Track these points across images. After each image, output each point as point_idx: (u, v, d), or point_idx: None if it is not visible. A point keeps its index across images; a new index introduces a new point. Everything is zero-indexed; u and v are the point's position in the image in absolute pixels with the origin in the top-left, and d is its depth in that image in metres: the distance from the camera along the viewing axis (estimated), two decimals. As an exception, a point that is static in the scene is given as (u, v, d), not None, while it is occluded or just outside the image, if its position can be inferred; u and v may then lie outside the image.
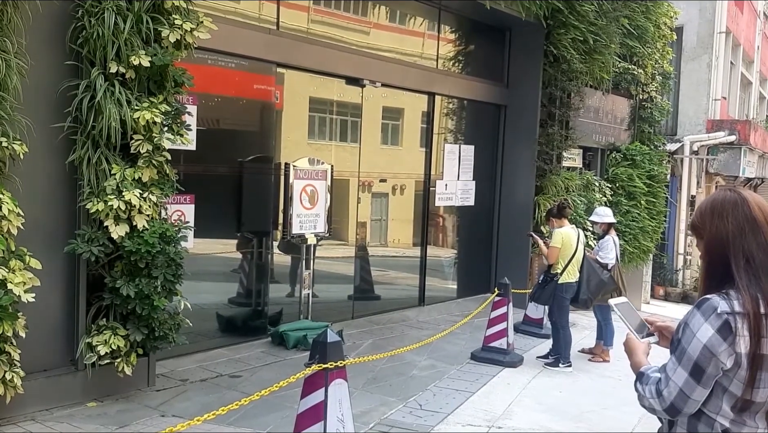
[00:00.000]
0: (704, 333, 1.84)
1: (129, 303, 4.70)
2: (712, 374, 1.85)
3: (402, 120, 8.72)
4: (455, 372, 6.15)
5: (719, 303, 1.85)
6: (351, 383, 5.53)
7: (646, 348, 2.11)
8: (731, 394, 1.86)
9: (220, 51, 6.01)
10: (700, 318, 1.86)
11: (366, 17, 7.86)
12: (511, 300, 6.70)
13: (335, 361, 3.29)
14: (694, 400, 1.87)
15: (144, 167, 4.70)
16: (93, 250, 4.56)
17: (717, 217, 1.95)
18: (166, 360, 5.68)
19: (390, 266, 8.98)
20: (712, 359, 1.83)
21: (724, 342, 1.82)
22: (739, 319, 1.82)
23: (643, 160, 11.45)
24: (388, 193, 8.75)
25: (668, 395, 1.90)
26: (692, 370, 1.86)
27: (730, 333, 1.82)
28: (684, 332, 1.90)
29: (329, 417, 3.22)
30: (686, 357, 1.87)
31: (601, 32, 9.56)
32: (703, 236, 1.99)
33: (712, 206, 1.99)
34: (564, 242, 6.46)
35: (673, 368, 1.91)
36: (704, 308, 1.87)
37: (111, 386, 4.93)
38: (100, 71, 4.54)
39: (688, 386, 1.87)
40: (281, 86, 7.06)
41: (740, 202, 1.94)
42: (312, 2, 7.19)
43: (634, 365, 2.08)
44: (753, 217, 1.91)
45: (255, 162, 6.63)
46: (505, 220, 9.71)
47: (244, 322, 6.75)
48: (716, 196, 2.01)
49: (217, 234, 6.54)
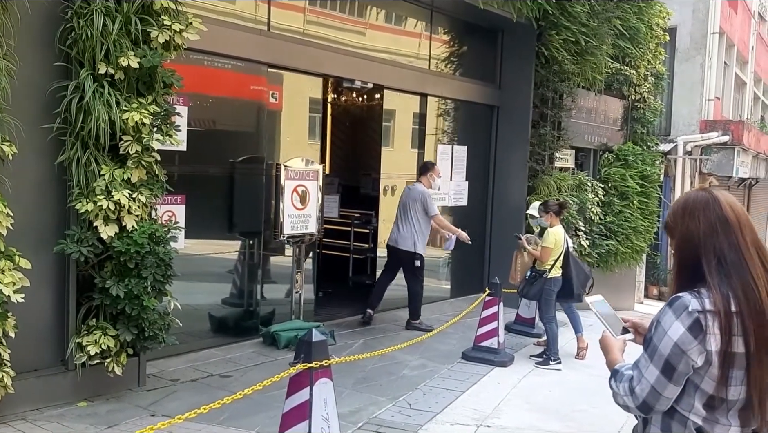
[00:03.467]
0: (675, 331, 1.87)
1: (118, 303, 4.71)
2: (683, 372, 1.88)
3: (393, 121, 8.75)
4: (446, 371, 6.18)
5: (690, 301, 1.87)
6: (341, 383, 5.59)
7: (622, 345, 2.14)
8: (703, 392, 1.89)
9: (212, 52, 6.03)
10: (671, 316, 1.89)
11: (358, 18, 7.89)
12: (501, 300, 6.73)
13: (320, 360, 3.32)
14: (666, 397, 1.90)
15: (133, 168, 4.72)
16: (82, 250, 4.58)
17: (689, 216, 1.98)
18: (157, 360, 5.70)
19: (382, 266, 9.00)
20: (683, 356, 1.86)
21: (694, 340, 1.85)
22: (710, 317, 1.84)
23: (635, 161, 11.47)
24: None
25: (640, 393, 1.92)
26: (663, 367, 1.88)
27: (701, 331, 1.84)
28: (656, 329, 1.93)
29: (314, 416, 3.24)
30: (658, 354, 1.90)
31: (593, 33, 9.59)
32: (675, 235, 2.02)
33: (684, 206, 2.01)
34: (556, 241, 6.56)
35: (645, 365, 1.93)
36: (676, 306, 1.90)
37: (101, 385, 4.95)
38: (89, 72, 4.55)
39: (660, 384, 1.89)
40: (280, 87, 7.09)
41: (712, 201, 1.96)
42: (304, 3, 7.22)
43: (609, 363, 2.11)
44: (725, 216, 1.94)
45: (246, 162, 6.65)
46: (497, 220, 9.74)
47: (235, 322, 6.76)
48: (688, 196, 2.04)
49: (208, 234, 6.56)
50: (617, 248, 10.83)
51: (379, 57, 7.98)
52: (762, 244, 1.95)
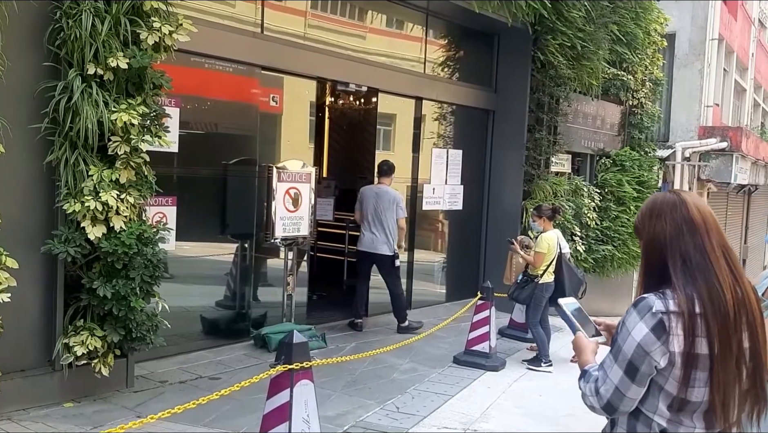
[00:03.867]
0: (639, 332, 1.86)
1: (106, 304, 4.71)
2: (646, 373, 1.87)
3: (388, 125, 8.75)
4: (436, 375, 6.16)
5: (655, 302, 1.87)
6: (330, 386, 5.59)
7: (595, 347, 2.14)
8: (667, 393, 1.88)
9: (204, 54, 6.04)
10: (635, 317, 1.89)
11: (353, 21, 7.91)
12: (493, 304, 6.72)
13: (301, 362, 3.31)
14: (630, 398, 1.89)
15: (122, 169, 4.72)
16: (69, 250, 4.57)
17: (655, 218, 1.98)
18: (146, 362, 5.69)
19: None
20: (646, 357, 1.85)
21: (657, 341, 1.84)
22: (674, 318, 1.84)
23: (632, 166, 11.49)
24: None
25: (605, 393, 1.92)
26: (627, 368, 1.88)
27: (664, 332, 1.84)
28: (620, 330, 1.93)
29: (294, 418, 3.24)
30: (622, 355, 1.90)
31: (589, 38, 9.60)
32: (642, 236, 2.01)
33: (651, 208, 2.01)
34: (549, 246, 6.55)
35: (609, 365, 1.93)
36: (640, 307, 1.89)
37: (88, 386, 4.94)
38: (77, 73, 4.56)
39: (624, 384, 1.89)
40: (280, 91, 7.10)
41: (679, 203, 1.96)
42: (304, 5, 7.23)
43: (580, 364, 2.10)
44: (691, 218, 1.93)
45: (239, 165, 6.65)
46: (493, 224, 9.73)
47: (227, 324, 6.76)
48: (656, 198, 2.03)
49: (200, 236, 6.56)
50: (613, 253, 10.82)
51: (374, 60, 7.99)
52: (729, 246, 1.94)
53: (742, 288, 1.89)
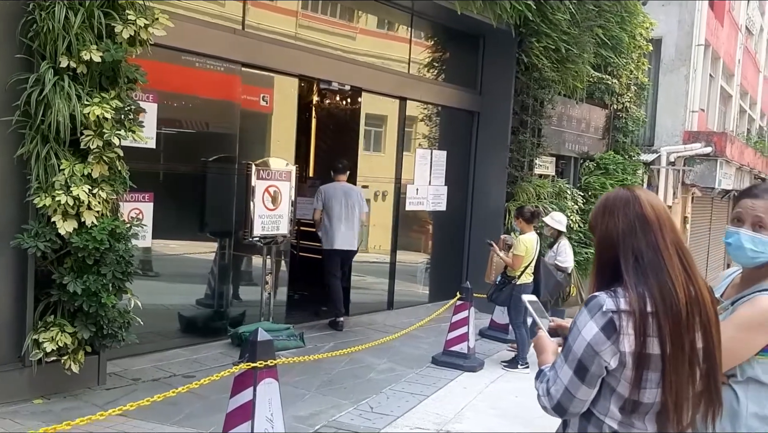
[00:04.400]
0: (589, 331, 1.82)
1: (76, 300, 4.65)
2: (596, 374, 1.83)
3: (372, 125, 8.72)
4: (413, 376, 6.13)
5: (605, 301, 1.83)
6: (305, 385, 5.55)
7: (556, 348, 2.10)
8: (619, 395, 1.84)
9: (183, 49, 5.98)
10: (586, 316, 1.85)
11: (336, 20, 7.87)
12: (473, 304, 6.70)
13: (265, 360, 3.27)
14: (580, 399, 1.86)
15: (94, 163, 4.66)
16: (39, 245, 4.51)
17: (608, 215, 1.94)
18: (121, 359, 5.63)
19: (366, 270, 8.97)
20: (596, 357, 1.81)
21: (607, 340, 1.80)
22: (625, 317, 1.80)
23: (616, 170, 11.53)
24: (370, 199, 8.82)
25: (555, 393, 1.88)
26: (577, 368, 1.84)
27: (614, 331, 1.80)
28: (571, 329, 1.89)
29: (257, 417, 3.20)
30: (572, 355, 1.85)
31: (574, 42, 9.61)
32: (596, 233, 1.98)
33: (604, 204, 1.98)
34: (527, 249, 6.54)
35: (560, 365, 1.89)
36: (590, 305, 1.85)
37: (59, 383, 4.88)
38: (50, 65, 4.50)
39: (573, 385, 1.85)
40: (271, 90, 7.05)
41: (632, 200, 1.93)
42: (281, 4, 7.20)
43: (539, 363, 2.08)
44: (644, 215, 1.90)
45: (218, 162, 6.60)
46: (476, 225, 9.72)
47: (204, 323, 6.70)
48: (609, 195, 2.00)
49: (178, 234, 6.50)
50: (596, 256, 10.82)
51: (357, 59, 7.95)
52: (683, 244, 1.91)
53: (695, 287, 1.85)
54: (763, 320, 2.19)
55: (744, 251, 2.28)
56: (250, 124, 7.02)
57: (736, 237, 2.30)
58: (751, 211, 2.29)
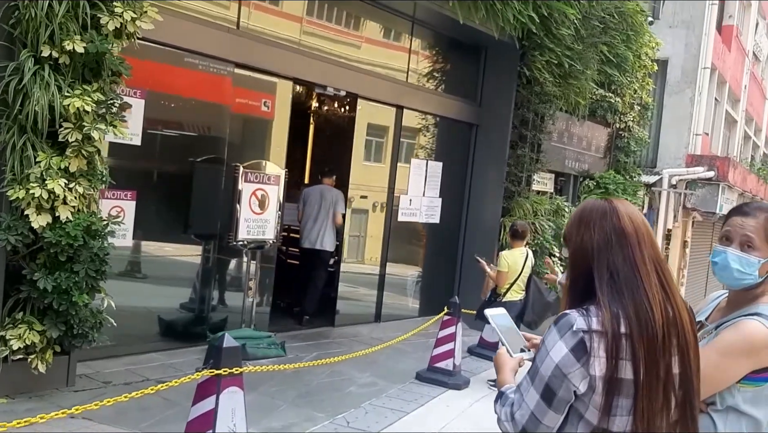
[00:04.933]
0: (557, 352, 1.67)
1: (46, 297, 4.49)
2: (563, 398, 1.68)
3: (367, 133, 8.57)
4: (395, 391, 5.95)
5: (576, 319, 1.67)
6: (281, 396, 5.37)
7: (515, 365, 1.94)
8: (587, 422, 1.68)
9: (174, 45, 5.86)
10: (555, 335, 1.69)
11: (334, 25, 7.74)
12: (460, 320, 6.53)
13: (230, 368, 3.10)
14: (546, 425, 1.70)
15: (72, 157, 4.52)
16: (10, 238, 4.36)
17: (584, 227, 1.79)
18: (93, 361, 5.47)
19: (353, 281, 8.82)
20: (564, 380, 1.66)
21: (577, 363, 1.65)
22: (596, 338, 1.64)
23: (616, 190, 11.35)
24: (369, 210, 8.71)
25: (520, 418, 1.72)
26: (543, 392, 1.69)
27: (585, 353, 1.64)
28: (539, 349, 1.73)
29: (219, 426, 3.03)
30: (539, 377, 1.70)
31: (578, 57, 9.49)
32: (570, 246, 1.83)
33: (580, 215, 1.82)
34: (510, 265, 6.39)
35: (526, 388, 1.74)
36: (560, 324, 1.70)
37: (26, 383, 4.71)
38: (30, 54, 4.37)
39: (540, 410, 1.70)
40: (273, 96, 6.93)
41: (609, 211, 1.77)
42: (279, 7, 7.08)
43: (499, 383, 1.91)
44: (621, 228, 1.74)
45: (206, 163, 6.45)
46: (470, 239, 9.56)
47: (184, 327, 6.53)
48: (586, 205, 1.84)
49: (160, 234, 6.34)
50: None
51: (354, 65, 7.82)
52: (663, 261, 1.76)
53: (673, 307, 1.70)
54: (745, 346, 2.05)
55: (730, 271, 2.14)
56: (243, 127, 6.89)
57: (723, 256, 2.16)
58: (740, 229, 2.16)
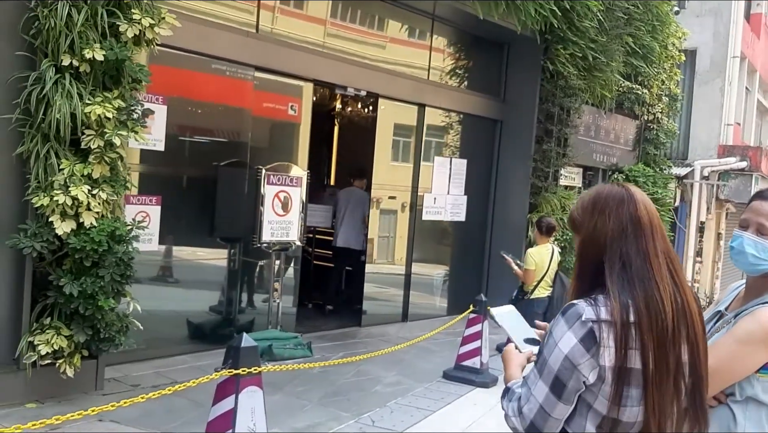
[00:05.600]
0: (567, 343, 1.63)
1: (72, 302, 4.56)
2: (573, 389, 1.64)
3: (391, 132, 8.54)
4: (421, 390, 5.92)
5: (585, 309, 1.64)
6: (307, 396, 5.38)
7: (523, 360, 1.90)
8: (596, 412, 1.65)
9: (195, 51, 5.91)
10: (563, 326, 1.66)
11: (354, 25, 7.74)
12: (487, 318, 6.46)
13: (248, 367, 3.11)
14: (555, 418, 1.66)
15: (95, 163, 4.58)
16: (36, 245, 4.43)
17: (598, 213, 1.73)
18: (122, 364, 5.54)
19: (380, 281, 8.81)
20: (574, 371, 1.62)
21: (587, 353, 1.61)
22: (605, 328, 1.61)
23: (646, 183, 11.18)
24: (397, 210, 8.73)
25: (528, 413, 1.69)
26: (553, 384, 1.65)
27: (594, 343, 1.61)
28: (547, 341, 1.70)
29: (238, 426, 3.04)
30: (547, 369, 1.66)
31: (602, 49, 9.36)
32: (580, 232, 1.78)
33: (594, 200, 1.76)
34: (537, 262, 6.32)
35: (534, 381, 1.70)
36: (568, 314, 1.66)
37: (55, 387, 4.78)
38: (51, 63, 4.44)
39: (549, 403, 1.66)
40: (299, 99, 6.97)
41: (627, 199, 1.72)
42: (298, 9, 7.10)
43: (505, 379, 1.88)
44: (638, 217, 1.70)
45: (229, 166, 6.48)
46: (497, 236, 9.48)
47: (212, 329, 6.58)
48: (601, 190, 1.79)
49: (186, 238, 6.40)
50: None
51: (374, 64, 7.80)
52: (674, 255, 1.72)
53: (682, 297, 1.67)
54: (763, 334, 2.00)
55: (745, 256, 2.11)
56: (265, 129, 6.92)
57: (739, 241, 2.13)
58: (757, 215, 2.11)
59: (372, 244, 8.35)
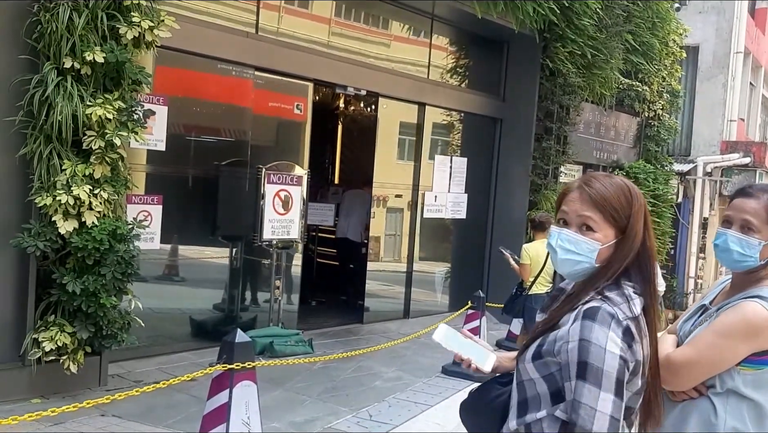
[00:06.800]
0: (614, 344, 1.61)
1: (75, 300, 4.66)
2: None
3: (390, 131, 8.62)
4: (420, 385, 6.00)
5: (613, 309, 1.65)
6: (307, 391, 5.47)
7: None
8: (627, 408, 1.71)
9: (195, 52, 5.99)
10: (601, 329, 1.61)
11: (354, 23, 7.81)
12: (484, 314, 6.55)
13: (242, 362, 3.20)
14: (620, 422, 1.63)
15: (96, 163, 4.68)
16: (39, 244, 4.53)
17: (636, 207, 1.73)
18: (125, 361, 5.65)
19: (382, 278, 8.91)
20: (625, 370, 1.63)
21: (629, 350, 1.64)
22: (635, 323, 1.66)
23: (646, 179, 11.21)
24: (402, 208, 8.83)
25: (601, 429, 1.58)
26: (616, 389, 1.60)
27: (633, 340, 1.65)
28: (588, 350, 1.60)
29: (233, 420, 3.13)
30: (606, 377, 1.59)
31: (601, 47, 9.40)
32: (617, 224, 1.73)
33: (628, 192, 1.73)
34: (532, 257, 6.37)
35: (592, 396, 1.58)
36: (600, 317, 1.63)
37: (58, 383, 4.89)
38: (53, 66, 4.54)
39: (616, 409, 1.59)
40: (305, 99, 7.06)
41: (641, 196, 1.78)
42: (296, 8, 7.18)
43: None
44: (647, 212, 1.78)
45: (230, 166, 6.57)
46: (498, 233, 9.54)
47: (214, 326, 6.68)
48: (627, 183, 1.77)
49: (187, 237, 6.50)
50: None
51: (374, 64, 7.88)
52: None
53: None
54: (745, 327, 2.05)
55: (730, 253, 2.16)
56: (266, 129, 7.01)
57: (724, 238, 2.18)
58: (740, 212, 2.16)
59: (374, 241, 8.42)
